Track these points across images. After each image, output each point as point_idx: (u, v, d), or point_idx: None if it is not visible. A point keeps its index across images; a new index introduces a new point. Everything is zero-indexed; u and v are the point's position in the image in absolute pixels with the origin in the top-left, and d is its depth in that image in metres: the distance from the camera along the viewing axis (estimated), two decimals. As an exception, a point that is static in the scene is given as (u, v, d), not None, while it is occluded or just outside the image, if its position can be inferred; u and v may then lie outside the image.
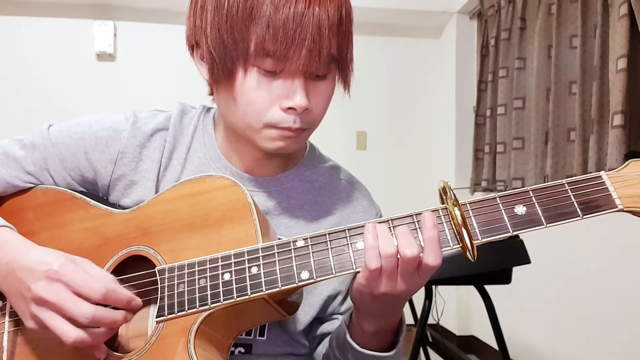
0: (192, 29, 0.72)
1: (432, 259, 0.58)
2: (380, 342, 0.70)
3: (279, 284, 0.62)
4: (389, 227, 0.61)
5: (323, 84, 0.70)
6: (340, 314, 0.81)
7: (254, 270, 0.63)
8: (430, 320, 2.90)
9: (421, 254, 0.59)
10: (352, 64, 0.72)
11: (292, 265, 0.62)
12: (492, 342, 2.59)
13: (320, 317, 0.81)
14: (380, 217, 0.82)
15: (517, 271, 1.81)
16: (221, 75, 0.69)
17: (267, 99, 0.68)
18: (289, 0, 0.63)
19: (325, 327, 0.81)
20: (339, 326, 0.74)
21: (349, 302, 0.80)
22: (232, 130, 0.76)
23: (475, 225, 0.59)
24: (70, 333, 0.60)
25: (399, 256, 0.59)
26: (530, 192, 0.60)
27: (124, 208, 0.75)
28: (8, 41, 3.22)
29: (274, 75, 0.67)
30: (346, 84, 0.73)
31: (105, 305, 0.62)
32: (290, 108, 0.68)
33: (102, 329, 0.62)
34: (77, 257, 0.65)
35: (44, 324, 0.61)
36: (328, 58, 0.67)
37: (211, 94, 0.78)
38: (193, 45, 0.73)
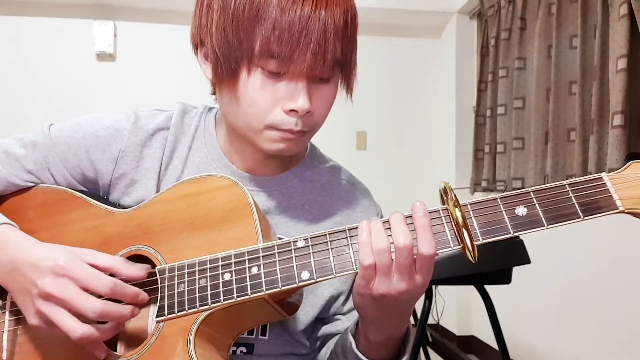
0: (197, 28, 0.72)
1: (425, 246, 0.58)
2: (386, 352, 0.70)
3: (279, 284, 0.62)
4: (384, 223, 0.61)
5: (326, 88, 0.71)
6: (343, 314, 0.81)
7: (254, 270, 0.63)
8: (430, 320, 2.90)
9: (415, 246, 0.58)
10: (355, 68, 0.72)
11: (293, 266, 0.62)
12: (492, 342, 2.59)
13: (323, 318, 0.81)
14: (381, 217, 0.82)
15: (517, 271, 1.81)
16: (225, 75, 0.69)
17: (269, 100, 0.68)
18: (295, 3, 0.64)
19: (328, 329, 0.81)
20: (343, 333, 0.74)
21: (351, 303, 0.80)
22: (234, 131, 0.76)
23: (475, 225, 0.59)
24: (76, 328, 0.60)
25: (392, 250, 0.58)
26: (531, 193, 0.60)
27: (124, 207, 0.75)
28: (8, 41, 3.22)
29: (277, 77, 0.67)
30: (349, 88, 0.73)
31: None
32: (292, 110, 0.68)
33: (108, 325, 0.63)
34: (81, 249, 0.65)
35: (50, 320, 0.61)
36: (332, 62, 0.67)
37: (213, 93, 0.78)
38: (197, 44, 0.73)
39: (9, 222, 0.71)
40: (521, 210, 0.59)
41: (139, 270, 0.66)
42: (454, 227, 0.59)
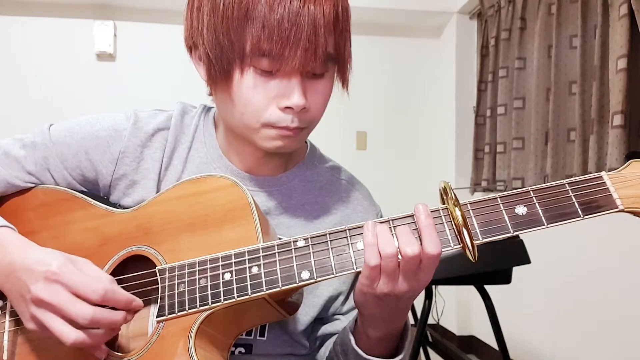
0: (189, 31, 0.72)
1: (431, 247, 0.58)
2: (385, 347, 0.70)
3: (280, 284, 0.62)
4: (390, 227, 0.60)
5: (320, 83, 0.70)
6: (342, 314, 0.81)
7: (255, 270, 0.63)
8: (430, 320, 2.90)
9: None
10: (350, 61, 0.72)
11: (293, 265, 0.62)
12: (492, 342, 2.59)
13: (322, 318, 0.81)
14: (381, 217, 0.82)
15: (517, 271, 1.81)
16: (218, 76, 0.69)
17: (264, 98, 0.68)
18: (283, 0, 0.63)
19: (327, 328, 0.81)
20: (342, 332, 0.74)
21: (350, 302, 0.80)
22: (232, 130, 0.76)
23: (475, 225, 0.59)
24: (69, 334, 0.60)
25: (399, 256, 0.58)
26: (531, 192, 0.60)
27: (124, 208, 0.75)
28: (8, 41, 3.22)
29: (270, 75, 0.67)
30: (344, 81, 0.73)
31: (105, 306, 0.62)
32: (287, 107, 0.68)
33: (101, 330, 0.62)
34: (77, 257, 0.65)
35: (44, 325, 0.61)
36: (324, 56, 0.66)
37: (211, 94, 0.78)
38: (191, 47, 0.73)
39: (7, 224, 0.71)
40: (521, 210, 0.59)
41: (124, 297, 0.63)
42: (454, 227, 0.59)
